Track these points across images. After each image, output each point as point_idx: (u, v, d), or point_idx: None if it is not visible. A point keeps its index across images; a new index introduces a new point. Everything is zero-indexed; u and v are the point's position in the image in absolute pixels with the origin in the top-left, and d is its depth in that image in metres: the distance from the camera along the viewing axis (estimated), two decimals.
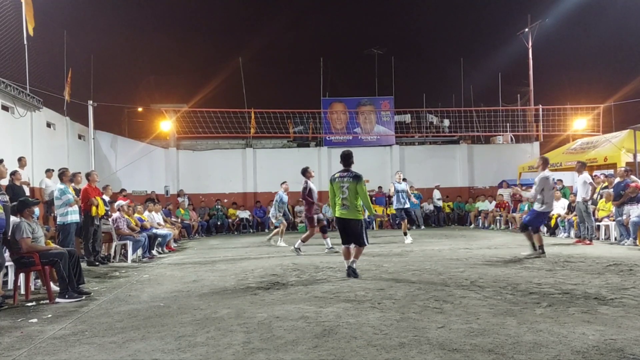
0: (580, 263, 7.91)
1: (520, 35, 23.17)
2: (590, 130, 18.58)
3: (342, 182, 6.99)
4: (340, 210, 6.98)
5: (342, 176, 7.06)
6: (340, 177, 7.06)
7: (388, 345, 3.79)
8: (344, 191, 6.92)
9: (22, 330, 4.71)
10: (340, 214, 7.00)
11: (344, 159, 7.19)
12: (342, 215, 6.98)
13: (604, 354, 3.44)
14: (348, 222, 6.99)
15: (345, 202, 6.93)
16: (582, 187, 11.25)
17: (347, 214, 6.96)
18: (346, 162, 7.15)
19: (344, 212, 6.96)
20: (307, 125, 22.20)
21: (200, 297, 5.93)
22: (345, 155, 7.22)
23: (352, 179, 6.94)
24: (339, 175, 7.10)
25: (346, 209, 6.94)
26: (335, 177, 7.15)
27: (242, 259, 9.76)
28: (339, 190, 6.98)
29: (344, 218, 6.99)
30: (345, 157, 7.19)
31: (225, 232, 18.28)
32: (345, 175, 7.04)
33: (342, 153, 7.30)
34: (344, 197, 6.92)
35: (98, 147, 15.92)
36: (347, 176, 7.02)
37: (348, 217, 6.97)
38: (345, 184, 6.95)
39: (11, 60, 11.66)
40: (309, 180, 10.62)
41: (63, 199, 8.70)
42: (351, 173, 7.05)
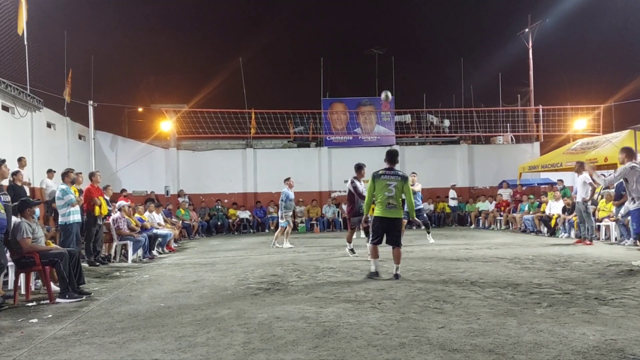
0: (580, 263, 7.91)
1: (521, 35, 23.18)
2: (591, 131, 18.58)
3: (389, 180, 6.69)
4: (386, 210, 6.67)
5: (389, 174, 6.77)
6: (387, 175, 6.75)
7: (388, 345, 3.79)
8: (390, 189, 6.63)
9: (23, 330, 4.71)
10: (385, 214, 6.68)
11: (391, 156, 6.93)
12: (389, 215, 6.67)
13: (605, 354, 3.43)
14: (393, 222, 6.74)
15: (391, 202, 6.65)
16: (581, 188, 11.24)
17: (393, 214, 6.69)
18: (392, 160, 6.91)
19: (390, 211, 6.67)
20: (307, 125, 22.20)
21: (200, 298, 5.93)
22: (392, 153, 7.01)
23: (401, 179, 6.73)
24: (385, 173, 6.78)
25: (393, 208, 6.67)
26: (380, 173, 6.80)
27: (243, 259, 9.76)
28: (385, 188, 6.67)
29: (389, 218, 6.70)
30: (392, 155, 6.95)
31: (225, 232, 18.28)
32: (392, 174, 6.76)
33: (389, 150, 7.09)
34: (390, 196, 6.64)
35: (98, 147, 15.92)
36: (394, 174, 6.76)
37: (394, 217, 6.72)
38: (392, 182, 6.68)
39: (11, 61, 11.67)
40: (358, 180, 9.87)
41: (65, 199, 8.71)
42: (399, 172, 6.85)
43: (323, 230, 18.22)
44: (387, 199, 6.66)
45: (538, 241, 12.13)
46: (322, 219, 18.64)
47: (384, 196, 6.68)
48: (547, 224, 13.98)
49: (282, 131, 18.54)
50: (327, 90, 22.16)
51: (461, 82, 24.47)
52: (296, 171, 20.30)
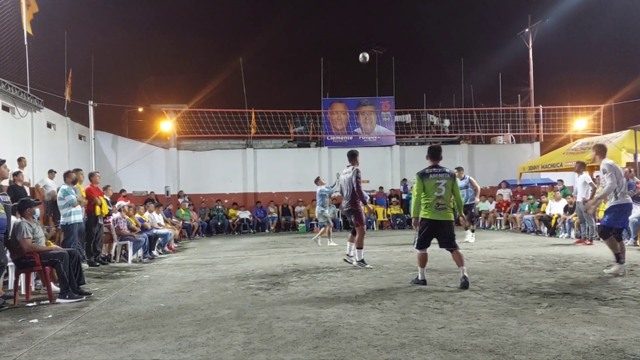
0: (580, 263, 7.91)
1: (521, 35, 23.17)
2: (591, 131, 18.58)
3: (438, 179, 6.17)
4: (437, 212, 6.11)
5: (436, 172, 6.25)
6: (435, 174, 6.22)
7: (388, 345, 3.79)
8: (440, 189, 6.12)
9: (23, 330, 4.71)
10: (435, 216, 6.12)
11: (435, 152, 6.43)
12: (439, 217, 6.13)
13: (605, 355, 3.43)
14: (443, 225, 6.18)
15: (441, 202, 6.13)
16: (582, 188, 11.22)
17: (444, 216, 6.15)
18: (437, 157, 6.41)
19: (441, 213, 6.13)
20: (307, 125, 22.20)
21: (200, 298, 5.93)
22: (436, 149, 6.50)
23: (450, 176, 6.25)
24: (432, 171, 6.25)
25: (443, 210, 6.13)
26: (427, 172, 6.27)
27: (243, 260, 9.76)
28: (434, 188, 6.13)
29: (440, 220, 6.14)
30: (436, 151, 6.44)
31: (225, 232, 18.27)
32: (439, 172, 6.25)
33: (432, 147, 6.56)
34: (439, 196, 6.12)
35: (98, 147, 15.93)
36: (442, 172, 6.26)
37: (445, 219, 6.17)
38: (442, 180, 6.17)
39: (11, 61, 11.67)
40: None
41: (66, 199, 8.71)
42: (445, 168, 6.37)
43: None
44: (437, 199, 6.12)
45: (538, 241, 12.12)
46: None
47: (433, 197, 6.13)
48: (547, 224, 13.97)
49: (282, 131, 18.55)
50: (327, 90, 22.18)
51: (461, 82, 24.49)
52: (296, 171, 20.35)
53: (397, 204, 19.14)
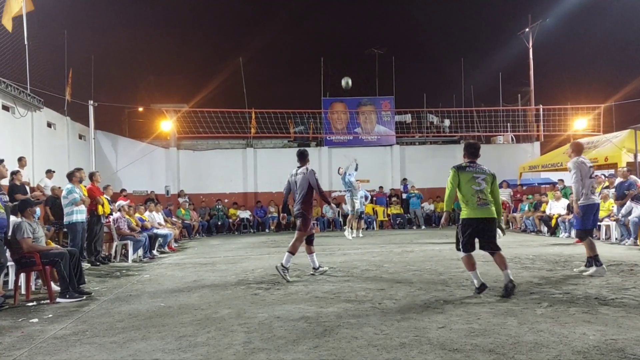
0: (581, 263, 7.89)
1: (521, 35, 23.18)
2: (591, 130, 18.57)
3: (476, 173, 5.68)
4: (479, 208, 5.56)
5: (473, 166, 5.77)
6: (472, 167, 5.75)
7: (389, 345, 3.79)
8: (479, 182, 5.62)
9: (23, 330, 4.71)
10: (477, 214, 5.58)
11: (473, 149, 5.94)
12: (481, 215, 5.58)
13: (605, 354, 3.43)
14: (487, 223, 5.63)
15: (482, 197, 5.58)
16: None
17: (486, 213, 5.58)
18: (475, 154, 5.91)
19: (482, 210, 5.57)
20: (307, 125, 22.20)
21: (200, 297, 5.93)
22: (473, 145, 6.02)
23: (490, 174, 5.78)
24: (469, 165, 5.78)
25: (486, 207, 5.58)
26: (464, 166, 5.80)
27: (243, 259, 9.76)
28: (472, 181, 5.62)
29: (482, 218, 5.59)
30: (474, 148, 5.96)
31: (225, 232, 18.28)
32: (478, 167, 5.78)
33: (468, 143, 6.13)
34: (478, 190, 5.60)
35: (98, 147, 15.93)
36: (481, 169, 5.77)
37: (488, 216, 5.60)
38: (481, 174, 5.69)
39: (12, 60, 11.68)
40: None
41: (69, 198, 8.72)
42: (484, 166, 5.89)
43: (323, 229, 18.22)
44: (476, 194, 5.58)
45: (538, 241, 12.12)
46: (322, 219, 18.64)
47: (471, 190, 5.59)
48: (548, 223, 13.97)
49: (283, 131, 18.55)
50: (327, 90, 22.19)
51: (461, 82, 24.49)
52: None
53: (397, 203, 19.15)
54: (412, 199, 18.99)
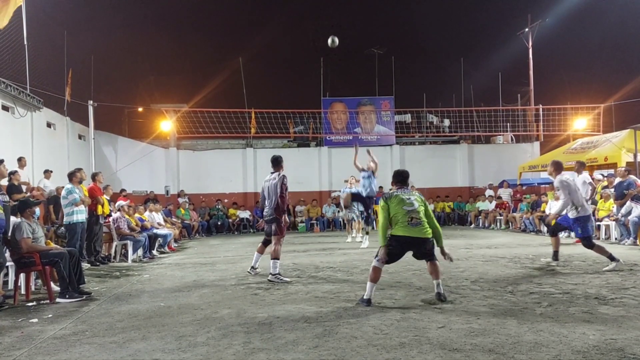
0: (580, 263, 7.91)
1: (521, 35, 23.17)
2: (591, 130, 18.57)
3: (404, 195, 5.51)
4: (412, 228, 5.33)
5: (401, 190, 5.63)
6: (400, 191, 5.61)
7: (388, 345, 3.79)
8: (411, 202, 5.43)
9: (23, 330, 4.71)
10: (409, 232, 5.33)
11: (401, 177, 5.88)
12: (414, 234, 5.34)
13: (605, 354, 3.43)
14: (420, 243, 5.44)
15: (415, 217, 5.35)
16: (581, 187, 11.24)
17: (420, 233, 5.35)
18: (404, 182, 5.84)
19: (416, 229, 5.33)
20: (307, 125, 22.21)
21: (200, 297, 5.93)
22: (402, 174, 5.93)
23: (419, 196, 5.63)
24: (397, 190, 5.64)
25: (419, 226, 5.35)
26: (392, 192, 5.67)
27: (243, 259, 9.76)
28: (402, 202, 5.42)
29: (415, 237, 5.36)
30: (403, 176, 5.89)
31: (225, 232, 18.28)
32: (406, 190, 5.68)
33: (398, 171, 5.97)
34: (411, 210, 5.37)
35: (98, 147, 15.91)
36: (409, 191, 5.67)
37: (422, 237, 5.38)
38: (411, 196, 5.52)
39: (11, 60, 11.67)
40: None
41: (69, 199, 8.71)
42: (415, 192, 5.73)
43: (323, 230, 18.22)
44: (408, 214, 5.29)
45: (538, 241, 12.12)
46: (322, 219, 18.64)
47: (402, 211, 5.31)
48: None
49: (282, 131, 18.54)
50: (327, 90, 22.19)
51: (461, 82, 24.50)
52: (296, 171, 20.30)
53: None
54: None
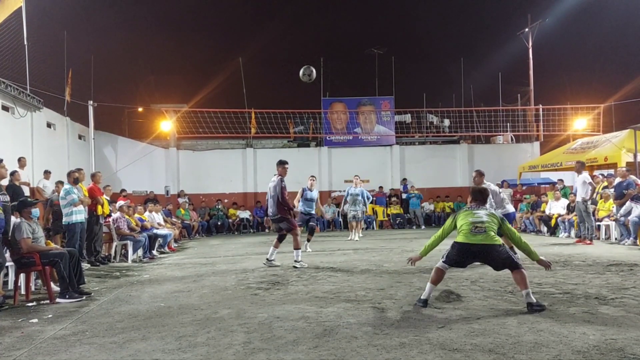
0: (580, 263, 7.91)
1: (521, 35, 23.18)
2: (591, 130, 18.58)
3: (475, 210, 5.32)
4: (473, 235, 5.09)
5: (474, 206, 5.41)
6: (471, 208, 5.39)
7: (388, 345, 3.78)
8: (479, 216, 5.21)
9: (23, 330, 4.71)
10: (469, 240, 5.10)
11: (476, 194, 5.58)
12: (474, 241, 5.07)
13: (605, 354, 3.43)
14: (483, 249, 5.07)
15: (479, 225, 5.12)
16: (581, 187, 11.27)
17: (481, 239, 5.06)
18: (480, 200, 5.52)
19: (477, 236, 5.07)
20: (307, 125, 22.21)
21: (200, 297, 5.93)
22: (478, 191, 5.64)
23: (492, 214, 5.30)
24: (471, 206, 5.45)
25: (482, 233, 5.08)
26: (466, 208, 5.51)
27: (243, 259, 9.76)
28: (470, 215, 5.25)
29: (476, 244, 5.07)
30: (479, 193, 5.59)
31: (225, 232, 18.28)
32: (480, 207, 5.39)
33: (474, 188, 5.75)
34: (477, 221, 5.15)
35: (98, 147, 15.92)
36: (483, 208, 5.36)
37: (484, 243, 5.04)
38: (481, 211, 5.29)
39: (11, 61, 11.67)
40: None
41: (67, 199, 8.71)
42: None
43: (323, 230, 18.22)
44: (472, 224, 5.09)
45: (538, 241, 12.11)
46: (322, 219, 18.63)
47: (467, 222, 5.14)
48: (547, 223, 13.98)
49: (282, 131, 18.55)
50: (327, 90, 22.20)
51: (461, 82, 24.51)
52: (296, 171, 20.24)
53: (396, 203, 19.15)
54: (412, 199, 19.00)
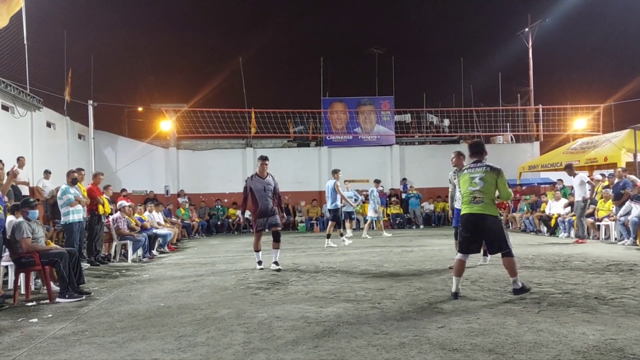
0: (580, 263, 7.91)
1: (520, 35, 23.18)
2: (591, 130, 18.59)
3: (473, 173, 5.57)
4: (471, 205, 5.47)
5: (473, 166, 5.68)
6: (471, 169, 5.67)
7: (388, 345, 3.79)
8: (476, 182, 5.48)
9: (23, 330, 4.71)
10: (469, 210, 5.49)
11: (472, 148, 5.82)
12: (473, 210, 5.44)
13: (604, 354, 3.43)
14: (479, 219, 5.42)
15: (477, 196, 5.42)
16: (579, 187, 11.42)
17: (478, 209, 5.41)
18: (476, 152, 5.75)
19: (474, 206, 5.44)
20: (307, 125, 22.21)
21: (200, 297, 5.93)
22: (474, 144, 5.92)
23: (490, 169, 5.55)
24: (470, 166, 5.75)
25: (480, 203, 5.41)
26: (465, 167, 5.90)
27: (243, 259, 9.76)
28: (468, 182, 5.56)
29: (473, 213, 5.45)
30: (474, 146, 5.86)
31: (225, 232, 18.28)
32: (477, 165, 5.66)
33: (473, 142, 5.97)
34: (475, 190, 5.46)
35: (98, 147, 15.92)
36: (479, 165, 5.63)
37: (479, 212, 5.41)
38: (477, 174, 5.53)
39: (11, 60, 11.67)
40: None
41: (64, 199, 8.71)
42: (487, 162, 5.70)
43: (323, 229, 18.21)
44: (472, 194, 5.46)
45: (538, 241, 12.13)
46: (322, 219, 18.63)
47: (468, 191, 5.53)
48: (547, 223, 13.98)
49: (282, 131, 18.56)
50: (327, 89, 22.20)
51: (461, 82, 24.50)
52: (296, 171, 20.35)
53: (396, 203, 19.16)
54: (412, 199, 19.01)
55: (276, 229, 8.08)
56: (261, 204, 8.01)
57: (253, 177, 8.18)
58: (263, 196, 8.01)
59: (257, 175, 8.17)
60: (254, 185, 8.05)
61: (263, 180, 8.10)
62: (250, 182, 8.12)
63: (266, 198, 8.02)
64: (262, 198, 8.01)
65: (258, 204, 8.04)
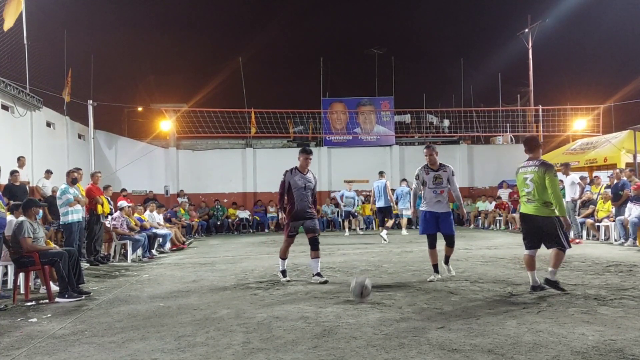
0: (580, 263, 7.91)
1: (520, 35, 23.18)
2: (590, 131, 18.60)
3: (525, 173, 5.67)
4: (525, 205, 5.72)
5: (526, 165, 5.74)
6: (524, 168, 5.75)
7: (388, 345, 3.79)
8: (528, 184, 5.62)
9: (22, 329, 4.71)
10: (523, 209, 5.78)
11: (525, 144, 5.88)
12: (526, 211, 5.72)
13: (604, 355, 3.44)
14: (531, 220, 5.67)
15: (529, 197, 5.62)
16: (570, 188, 11.50)
17: (528, 209, 5.67)
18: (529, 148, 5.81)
19: (527, 206, 5.68)
20: (307, 125, 22.22)
21: (200, 297, 5.93)
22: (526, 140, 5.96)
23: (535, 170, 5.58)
24: (523, 165, 5.80)
25: (531, 203, 5.63)
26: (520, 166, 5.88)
27: (242, 259, 9.76)
28: (522, 183, 5.72)
29: (526, 214, 5.74)
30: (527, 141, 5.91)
31: (225, 232, 18.27)
32: (528, 164, 5.70)
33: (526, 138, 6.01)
34: (528, 191, 5.64)
35: (98, 146, 15.91)
36: (530, 164, 5.68)
37: (529, 213, 5.68)
38: (528, 174, 5.63)
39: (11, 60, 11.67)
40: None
41: (63, 199, 8.71)
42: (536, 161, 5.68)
43: (323, 230, 18.20)
44: (527, 195, 5.67)
45: None
46: (322, 219, 18.63)
47: (523, 192, 5.74)
48: None
49: (282, 131, 18.56)
50: (326, 90, 22.21)
51: (461, 82, 24.52)
52: None
53: (396, 203, 19.13)
54: None
55: (314, 235, 6.88)
56: (298, 204, 6.81)
57: (293, 170, 7.01)
58: (302, 195, 6.83)
59: (298, 170, 7.01)
60: (294, 181, 6.89)
61: (304, 177, 6.95)
62: (289, 177, 6.96)
63: (306, 198, 6.86)
64: (301, 197, 6.82)
65: (295, 204, 6.82)
